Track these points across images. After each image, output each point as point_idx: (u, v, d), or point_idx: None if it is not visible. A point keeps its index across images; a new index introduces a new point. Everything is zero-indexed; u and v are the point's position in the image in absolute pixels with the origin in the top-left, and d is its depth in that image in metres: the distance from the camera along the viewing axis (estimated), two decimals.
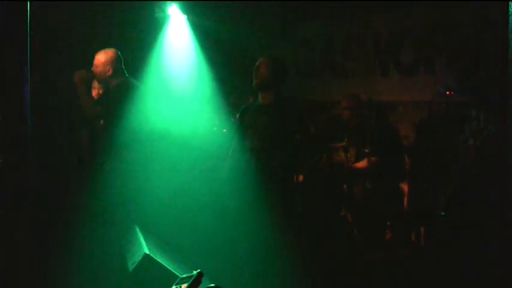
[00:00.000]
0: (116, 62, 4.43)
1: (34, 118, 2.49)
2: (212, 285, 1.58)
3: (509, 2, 1.81)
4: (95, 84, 4.91)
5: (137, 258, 3.49)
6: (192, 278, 1.59)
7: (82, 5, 4.82)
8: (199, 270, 1.62)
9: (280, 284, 4.03)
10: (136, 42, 5.28)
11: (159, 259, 3.51)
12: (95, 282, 3.72)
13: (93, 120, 4.61)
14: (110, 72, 4.40)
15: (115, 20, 5.24)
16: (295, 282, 4.04)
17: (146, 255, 3.45)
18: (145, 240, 3.71)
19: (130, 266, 3.50)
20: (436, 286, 4.03)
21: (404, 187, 5.24)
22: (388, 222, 5.14)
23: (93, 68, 4.42)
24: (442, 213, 3.88)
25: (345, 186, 5.18)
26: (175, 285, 1.58)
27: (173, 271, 3.50)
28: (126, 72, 4.50)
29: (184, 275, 1.62)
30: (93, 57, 4.44)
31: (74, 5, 4.77)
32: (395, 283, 4.37)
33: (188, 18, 5.60)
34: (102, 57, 4.41)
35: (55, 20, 4.70)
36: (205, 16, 5.65)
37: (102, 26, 5.20)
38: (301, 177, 5.42)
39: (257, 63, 4.31)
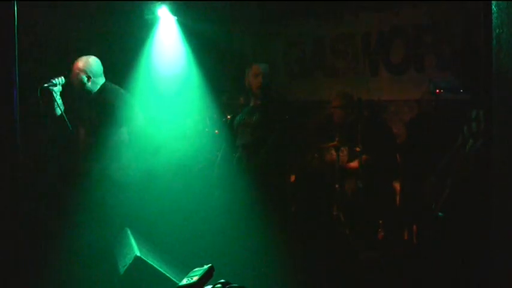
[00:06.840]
0: (94, 68, 4.26)
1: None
2: (222, 280, 1.61)
3: (492, 2, 1.83)
4: None
5: (128, 260, 3.48)
6: (203, 271, 1.61)
7: (71, 6, 4.79)
8: (210, 265, 1.64)
9: (272, 284, 4.03)
10: (126, 44, 5.25)
11: (151, 261, 3.50)
12: (86, 285, 3.71)
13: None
14: (89, 79, 4.23)
15: (104, 22, 5.21)
16: (287, 282, 4.05)
17: (137, 258, 3.44)
18: (136, 243, 3.70)
19: (122, 269, 3.50)
20: (429, 285, 4.04)
21: (397, 186, 5.25)
22: (381, 221, 5.15)
23: (70, 76, 4.21)
24: (440, 213, 3.88)
25: (336, 185, 5.19)
26: (187, 277, 1.60)
27: (165, 273, 3.50)
28: (104, 78, 4.35)
29: (195, 269, 1.65)
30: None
31: (63, 7, 4.74)
32: (388, 282, 4.38)
33: (178, 20, 5.59)
34: (80, 64, 4.22)
35: (42, 22, 4.66)
36: (195, 17, 5.63)
37: (92, 29, 5.17)
38: (293, 177, 5.45)
39: (254, 71, 4.49)
